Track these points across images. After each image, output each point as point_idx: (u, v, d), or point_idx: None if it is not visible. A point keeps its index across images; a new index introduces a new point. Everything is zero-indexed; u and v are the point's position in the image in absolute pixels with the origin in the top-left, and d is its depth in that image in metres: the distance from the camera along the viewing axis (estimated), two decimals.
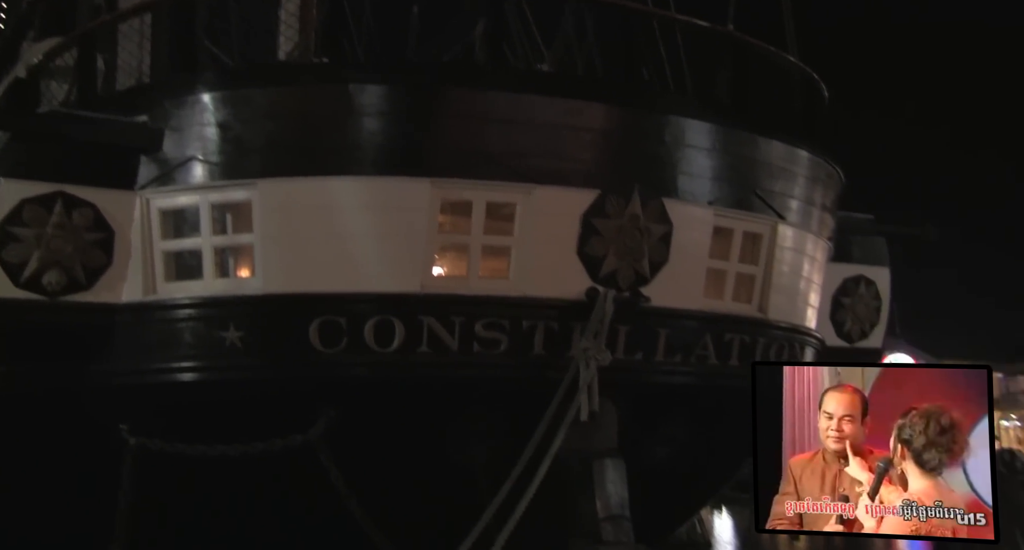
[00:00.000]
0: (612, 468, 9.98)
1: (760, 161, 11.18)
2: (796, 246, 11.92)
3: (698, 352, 10.89)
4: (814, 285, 12.84)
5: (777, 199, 11.25)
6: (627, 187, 9.98)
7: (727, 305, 11.22)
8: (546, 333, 9.96)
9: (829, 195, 12.49)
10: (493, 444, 9.78)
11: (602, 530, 9.54)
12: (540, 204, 9.86)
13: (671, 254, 10.29)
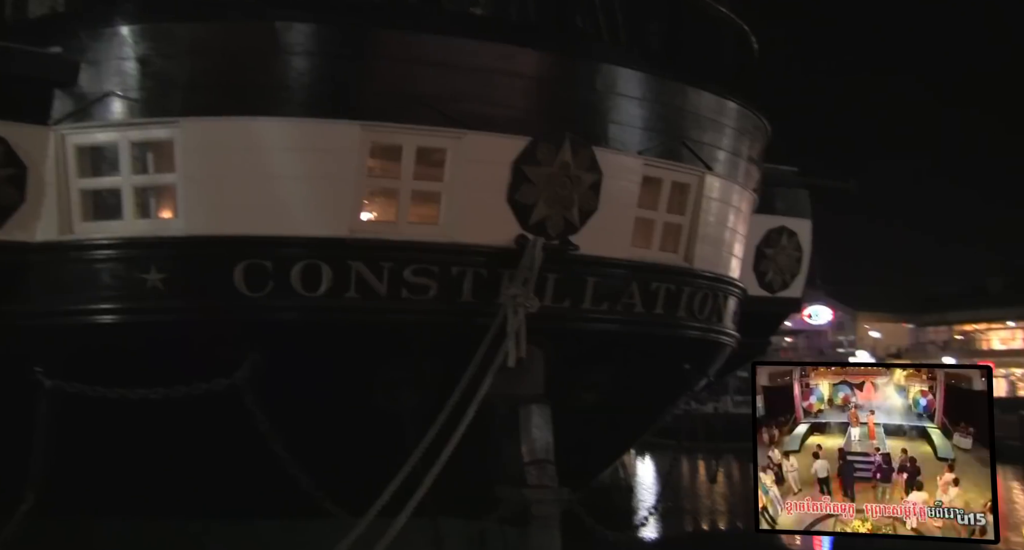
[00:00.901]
0: (538, 413, 10.15)
1: (690, 112, 11.27)
2: (722, 197, 12.11)
3: (625, 300, 11.05)
4: (739, 236, 13.09)
5: (705, 150, 11.37)
6: (558, 135, 9.97)
7: (654, 254, 11.38)
8: (475, 280, 9.99)
9: (756, 147, 12.68)
10: (420, 389, 9.83)
11: (527, 474, 9.73)
12: (471, 150, 9.79)
13: (600, 203, 10.36)
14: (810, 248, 16.43)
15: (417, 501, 8.36)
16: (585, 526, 10.37)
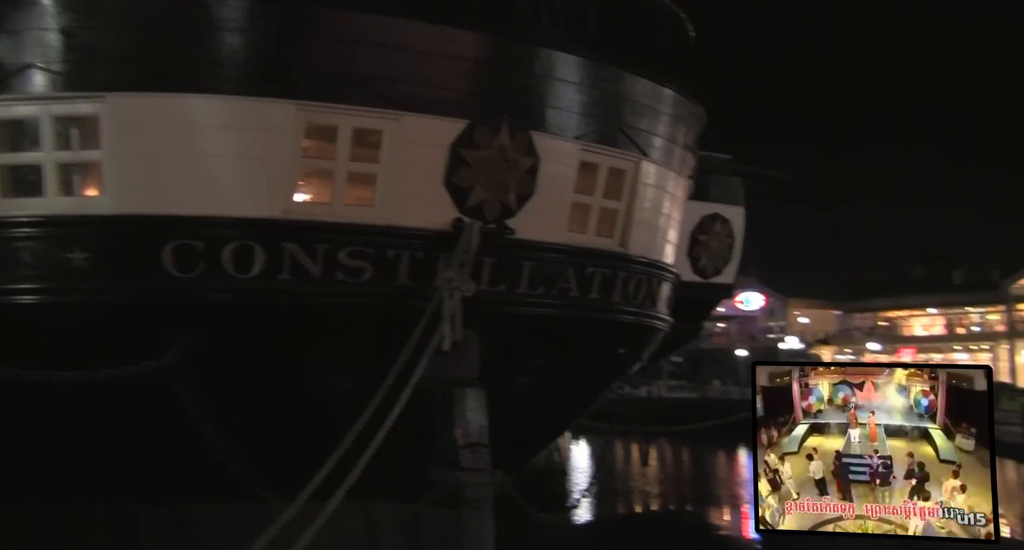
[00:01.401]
0: (473, 397, 10.17)
1: (627, 98, 11.34)
2: (658, 183, 12.23)
3: (561, 284, 11.11)
4: (673, 222, 13.25)
5: (641, 136, 11.47)
6: (496, 118, 9.95)
7: (590, 239, 11.45)
8: (411, 263, 9.93)
9: (692, 134, 12.83)
10: (354, 372, 9.76)
11: (461, 457, 9.75)
12: (408, 132, 9.71)
13: (537, 187, 10.38)
14: (743, 235, 16.76)
15: (350, 485, 8.30)
16: (518, 509, 10.44)
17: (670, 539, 18.38)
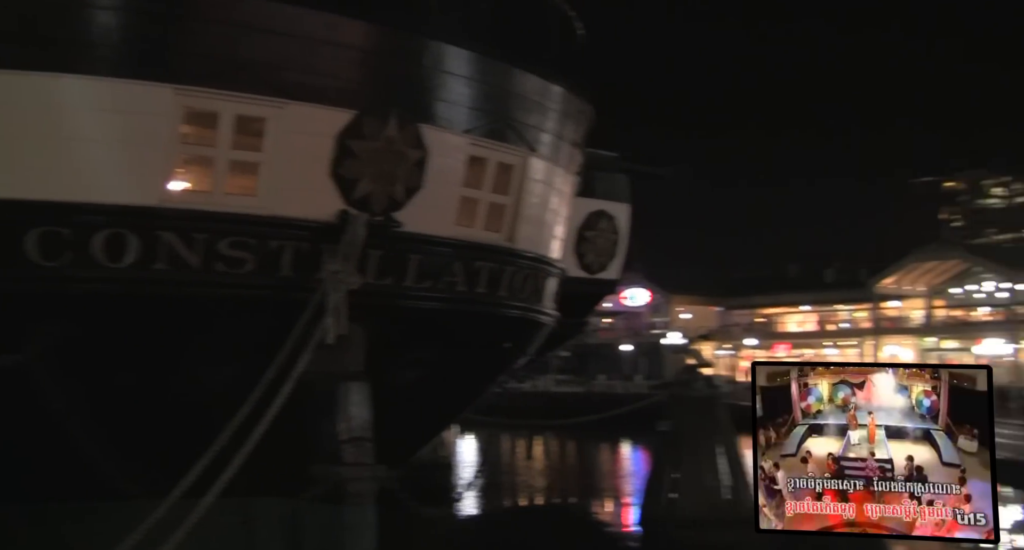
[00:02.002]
0: (357, 391, 10.03)
1: (516, 93, 11.42)
2: (546, 179, 12.36)
3: (448, 278, 11.10)
4: (561, 218, 13.42)
5: (530, 132, 11.56)
6: (384, 109, 9.85)
7: (478, 233, 11.48)
8: (295, 254, 9.73)
9: (579, 131, 13.01)
10: (234, 366, 9.50)
11: (343, 452, 9.61)
12: (293, 121, 9.50)
13: (425, 180, 10.33)
14: (628, 231, 17.13)
15: (225, 481, 8.07)
16: (402, 503, 10.39)
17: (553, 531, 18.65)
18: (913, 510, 4.50)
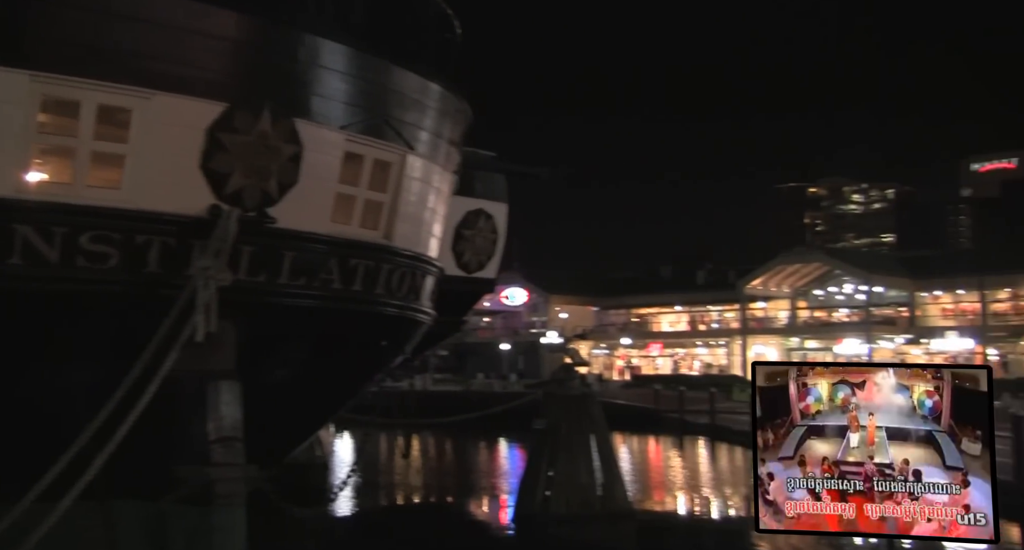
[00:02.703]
0: (227, 390, 9.82)
1: (394, 90, 11.39)
2: (423, 177, 12.38)
3: (323, 276, 10.97)
4: (438, 216, 13.46)
5: (408, 130, 11.55)
6: (257, 103, 9.66)
7: (354, 231, 11.39)
8: (162, 249, 9.44)
9: (457, 130, 13.09)
10: (96, 364, 9.13)
11: (212, 452, 9.39)
12: (160, 112, 9.21)
13: (300, 176, 10.19)
14: (506, 231, 17.31)
15: (85, 483, 7.77)
16: (273, 504, 10.22)
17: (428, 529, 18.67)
18: (913, 511, 4.42)
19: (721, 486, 25.84)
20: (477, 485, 26.61)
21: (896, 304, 62.73)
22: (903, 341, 61.20)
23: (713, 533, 19.63)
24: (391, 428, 26.33)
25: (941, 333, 53.42)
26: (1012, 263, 54.26)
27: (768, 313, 68.58)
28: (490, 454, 35.93)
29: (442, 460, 34.36)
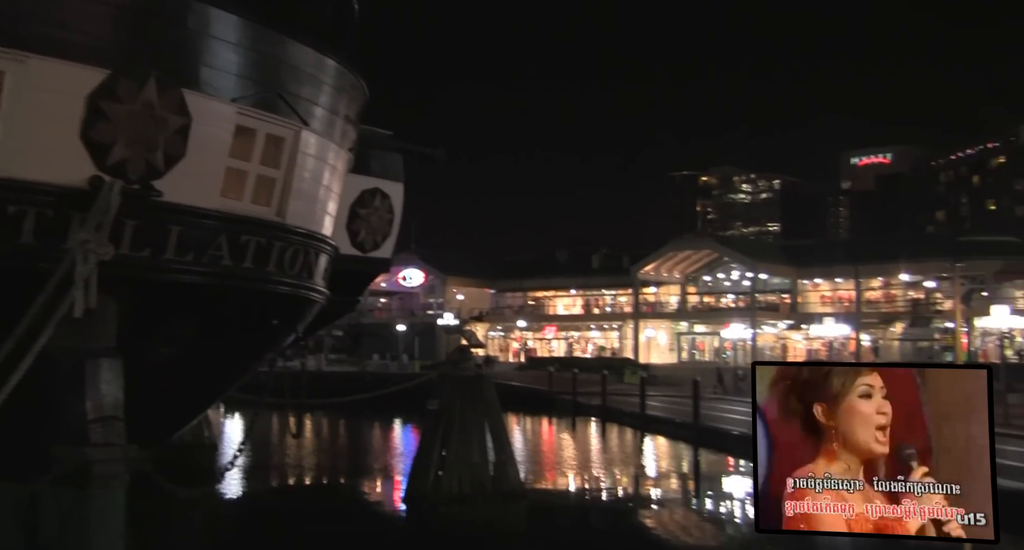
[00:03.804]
0: (107, 368, 9.48)
1: (288, 64, 11.12)
2: (318, 154, 12.16)
3: (212, 252, 10.68)
4: (333, 194, 13.26)
5: (303, 105, 11.32)
6: (142, 71, 9.28)
7: (245, 206, 11.11)
8: (38, 221, 9.00)
9: (353, 107, 12.89)
10: None
11: (91, 432, 9.06)
12: (36, 76, 8.74)
13: (188, 149, 9.87)
14: (402, 210, 17.19)
15: None
16: (156, 485, 9.95)
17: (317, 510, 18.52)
18: (913, 510, 4.43)
19: (611, 466, 26.48)
20: (369, 466, 26.52)
21: (779, 291, 65.30)
22: (785, 326, 63.81)
23: (602, 512, 20.13)
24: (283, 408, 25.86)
25: (819, 319, 55.82)
26: (885, 254, 57.14)
27: (660, 298, 70.33)
28: (384, 435, 35.80)
29: (335, 441, 34.05)
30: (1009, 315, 43.12)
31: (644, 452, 30.65)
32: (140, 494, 9.59)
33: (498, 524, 17.59)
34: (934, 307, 57.47)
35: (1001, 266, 55.14)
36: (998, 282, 55.39)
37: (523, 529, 17.85)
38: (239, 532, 16.23)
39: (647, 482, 24.19)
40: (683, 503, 21.67)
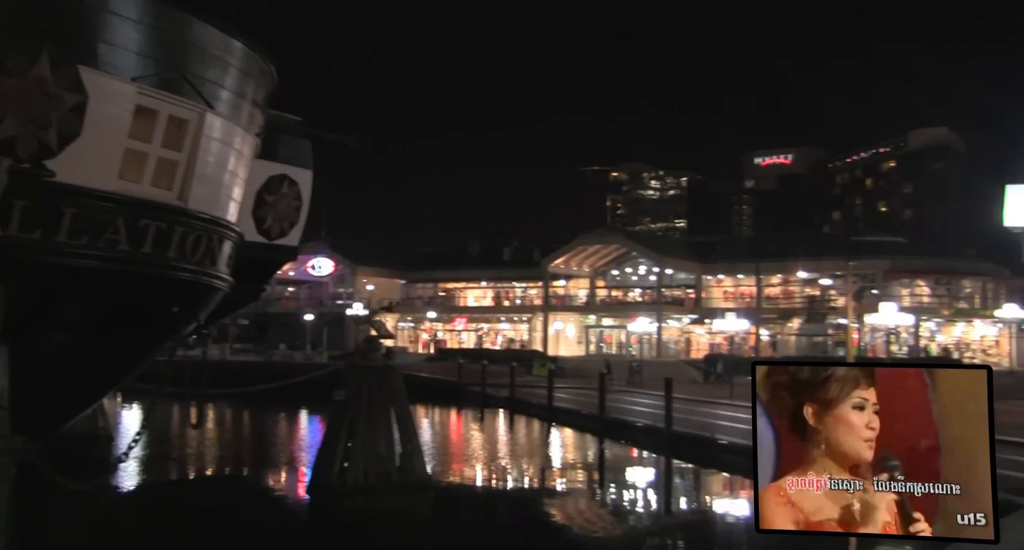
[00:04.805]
0: None
1: (193, 45, 10.80)
2: (224, 138, 11.86)
3: (108, 236, 10.31)
4: (239, 179, 12.95)
5: (208, 87, 11.01)
6: (34, 45, 8.87)
7: (145, 190, 10.76)
8: None
9: (261, 91, 12.60)
10: None
11: None
12: None
13: (84, 128, 9.49)
14: (311, 198, 16.90)
15: None
16: (44, 477, 9.58)
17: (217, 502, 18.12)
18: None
19: (517, 457, 26.68)
20: (274, 457, 26.07)
21: (685, 286, 66.87)
22: (689, 321, 65.34)
23: (507, 501, 20.28)
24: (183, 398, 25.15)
25: (722, 314, 57.32)
26: (784, 251, 59.11)
27: (569, 291, 71.10)
28: (290, 426, 35.22)
29: (238, 432, 33.34)
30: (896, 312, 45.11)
31: (551, 443, 30.99)
32: (27, 486, 9.22)
33: (404, 515, 17.55)
34: (829, 303, 59.74)
35: (890, 265, 57.73)
36: (887, 280, 57.99)
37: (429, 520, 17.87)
38: (132, 526, 15.74)
39: (553, 473, 24.46)
40: (588, 493, 22.01)
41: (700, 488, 22.71)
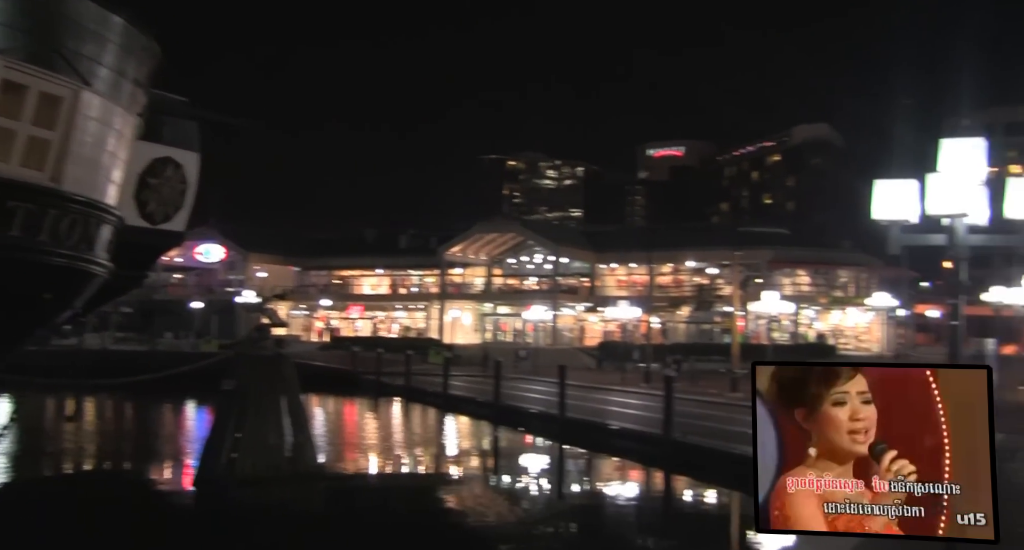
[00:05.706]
0: None
1: (68, 18, 10.28)
2: (102, 117, 11.34)
3: None
4: (119, 161, 12.41)
5: (84, 63, 10.51)
6: None
7: (14, 170, 10.21)
8: None
9: (143, 70, 12.11)
10: None
11: None
12: None
13: None
14: (197, 182, 16.34)
15: None
16: None
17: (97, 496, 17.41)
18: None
19: (412, 445, 26.57)
20: (158, 450, 25.20)
21: (579, 274, 67.77)
22: (583, 309, 66.30)
23: (400, 490, 20.16)
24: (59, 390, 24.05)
25: (615, 302, 58.32)
26: (675, 241, 60.64)
27: (466, 279, 71.10)
28: (175, 418, 34.11)
29: (120, 424, 32.06)
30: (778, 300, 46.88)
31: (446, 431, 30.97)
32: None
33: (294, 506, 17.23)
34: (716, 292, 61.61)
35: (773, 255, 59.90)
36: (770, 270, 60.18)
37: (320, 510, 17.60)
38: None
39: (448, 460, 24.46)
40: (482, 480, 22.10)
41: (591, 473, 23.11)
